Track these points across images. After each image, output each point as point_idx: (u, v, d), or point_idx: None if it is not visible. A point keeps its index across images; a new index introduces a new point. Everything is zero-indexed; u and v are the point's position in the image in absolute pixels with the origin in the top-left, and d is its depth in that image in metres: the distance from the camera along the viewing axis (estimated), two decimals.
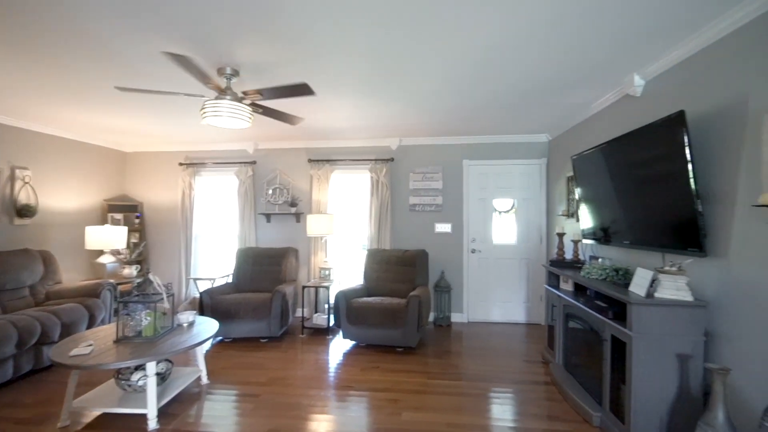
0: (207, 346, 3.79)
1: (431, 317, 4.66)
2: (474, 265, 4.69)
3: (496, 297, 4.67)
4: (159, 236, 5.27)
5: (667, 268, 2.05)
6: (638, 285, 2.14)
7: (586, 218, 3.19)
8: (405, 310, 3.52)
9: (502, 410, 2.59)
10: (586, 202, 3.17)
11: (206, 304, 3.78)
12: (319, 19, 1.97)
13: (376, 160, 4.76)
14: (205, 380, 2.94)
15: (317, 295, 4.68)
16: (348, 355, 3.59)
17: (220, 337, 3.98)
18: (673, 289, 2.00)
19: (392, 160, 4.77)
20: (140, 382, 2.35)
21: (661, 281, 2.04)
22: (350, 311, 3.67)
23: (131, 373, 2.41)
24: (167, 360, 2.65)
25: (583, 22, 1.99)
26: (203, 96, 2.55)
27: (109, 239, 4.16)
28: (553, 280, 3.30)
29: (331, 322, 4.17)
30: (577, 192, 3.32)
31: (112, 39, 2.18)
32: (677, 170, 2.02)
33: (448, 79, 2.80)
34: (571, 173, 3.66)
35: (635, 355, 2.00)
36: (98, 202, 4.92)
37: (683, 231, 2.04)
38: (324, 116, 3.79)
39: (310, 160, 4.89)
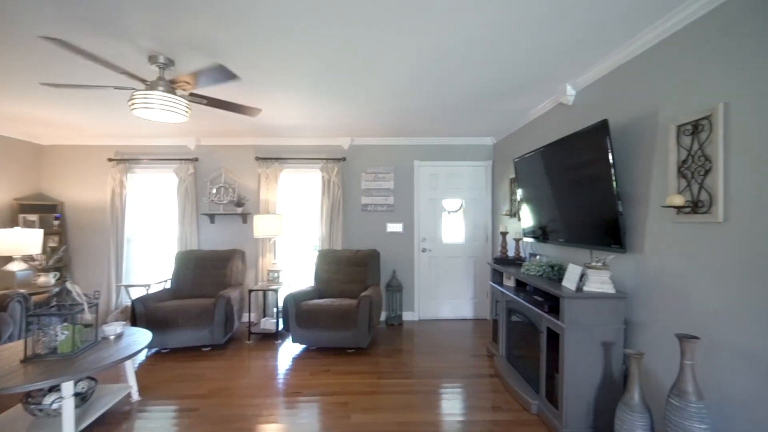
0: (141, 358, 3.48)
1: (383, 317, 4.68)
2: (425, 264, 4.79)
3: (446, 294, 4.81)
4: (84, 240, 4.74)
5: (593, 263, 2.23)
6: (569, 280, 2.31)
7: (526, 218, 3.38)
8: (356, 311, 3.49)
9: (450, 405, 2.66)
10: (526, 203, 3.36)
11: (139, 313, 3.47)
12: (266, 16, 1.88)
13: (327, 159, 4.68)
14: (136, 397, 2.69)
15: (265, 299, 4.50)
16: (297, 359, 3.49)
17: (156, 349, 3.67)
18: (599, 282, 2.18)
19: (344, 159, 4.72)
20: (54, 406, 2.09)
21: (589, 276, 2.22)
22: (300, 314, 3.57)
23: (44, 396, 2.13)
24: (90, 378, 2.39)
25: (523, 35, 2.10)
26: (134, 89, 2.33)
27: (20, 243, 3.66)
28: (497, 276, 3.46)
29: (280, 327, 4.03)
30: (519, 193, 3.51)
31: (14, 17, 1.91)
32: (602, 174, 2.21)
33: (399, 81, 2.82)
34: (513, 175, 3.87)
35: (567, 345, 2.15)
36: (7, 201, 4.32)
37: (607, 229, 2.23)
38: (272, 113, 3.65)
39: (257, 158, 4.69)
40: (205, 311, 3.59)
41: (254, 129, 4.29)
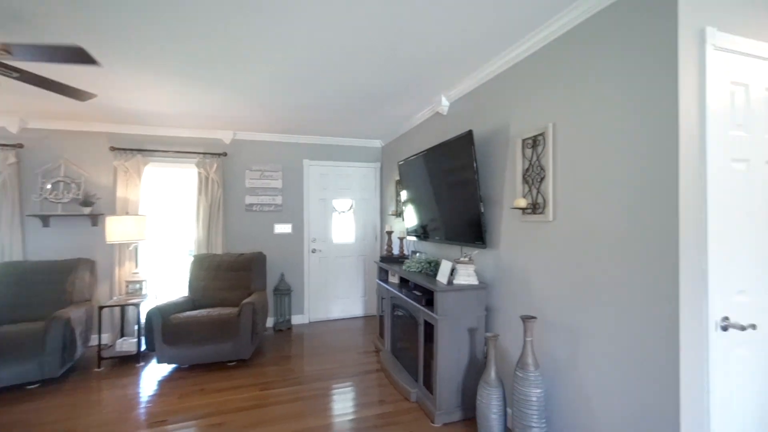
0: None
1: (270, 322, 4.44)
2: (315, 265, 4.71)
3: (336, 294, 4.81)
4: None
5: (461, 259, 2.49)
6: (442, 274, 2.53)
7: (410, 217, 3.60)
8: (237, 320, 3.21)
9: (339, 406, 2.65)
10: (409, 203, 3.58)
11: None
12: None
13: (205, 153, 4.20)
14: None
15: (124, 316, 3.80)
16: (165, 382, 3.04)
17: None
18: (466, 275, 2.44)
19: (225, 155, 4.30)
20: None
21: (458, 270, 2.47)
22: (168, 329, 3.11)
23: None
24: None
25: (404, 44, 2.20)
26: None
27: None
28: (383, 274, 3.61)
29: (143, 347, 3.46)
30: (403, 194, 3.72)
31: None
32: (469, 178, 2.48)
33: (284, 76, 2.68)
34: (398, 177, 4.08)
35: (440, 334, 2.35)
36: None
37: (473, 228, 2.51)
38: (133, 97, 3.09)
39: (113, 149, 3.93)
40: (31, 338, 2.84)
41: (108, 114, 3.58)
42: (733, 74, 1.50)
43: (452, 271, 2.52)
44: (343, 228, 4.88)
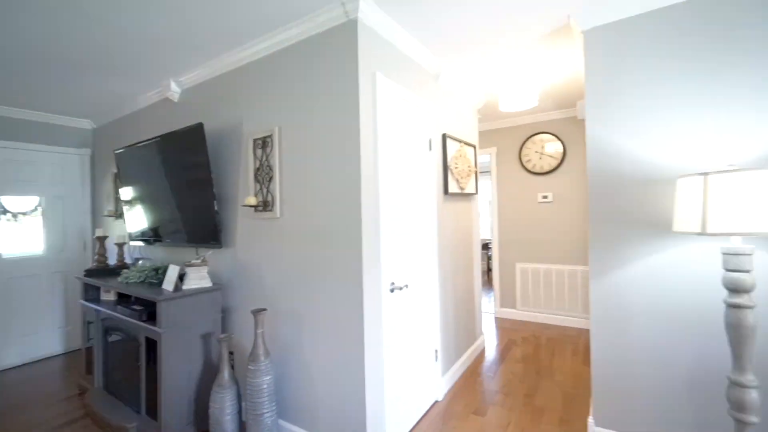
0: None
1: None
2: None
3: (14, 332, 3.36)
4: None
5: (193, 261, 2.29)
6: (169, 281, 2.24)
7: (134, 219, 2.98)
8: None
9: None
10: (133, 202, 2.96)
11: None
12: None
13: None
14: None
15: None
16: None
17: None
18: (198, 279, 2.27)
19: None
20: None
21: (188, 274, 2.25)
22: None
23: None
24: None
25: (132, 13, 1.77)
26: None
27: None
28: (93, 292, 2.82)
29: None
30: (124, 191, 3.04)
31: None
32: (202, 174, 2.31)
33: None
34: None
35: (165, 348, 2.07)
36: None
37: (208, 228, 2.36)
38: None
39: None
40: None
41: None
42: (393, 106, 2.11)
43: (182, 276, 2.28)
44: (24, 236, 3.47)
